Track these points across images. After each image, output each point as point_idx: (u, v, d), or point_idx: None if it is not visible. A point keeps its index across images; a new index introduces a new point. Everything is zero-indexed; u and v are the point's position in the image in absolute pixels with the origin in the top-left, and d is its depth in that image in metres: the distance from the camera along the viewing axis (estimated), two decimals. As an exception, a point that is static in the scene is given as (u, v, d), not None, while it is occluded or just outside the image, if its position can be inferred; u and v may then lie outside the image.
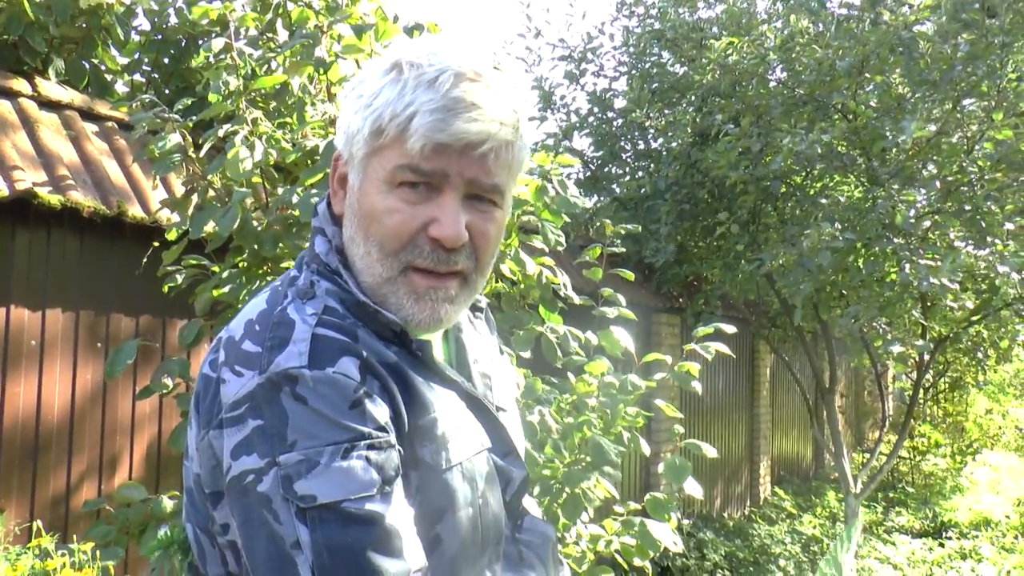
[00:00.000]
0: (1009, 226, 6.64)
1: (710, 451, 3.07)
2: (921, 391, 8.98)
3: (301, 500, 0.92)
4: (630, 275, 3.28)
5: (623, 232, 3.44)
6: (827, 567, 1.03)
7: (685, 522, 8.19)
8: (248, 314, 1.07)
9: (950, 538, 9.26)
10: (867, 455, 9.53)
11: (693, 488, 2.98)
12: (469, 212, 1.08)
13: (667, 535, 2.96)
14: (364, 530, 0.93)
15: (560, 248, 3.05)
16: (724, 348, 3.06)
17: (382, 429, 0.99)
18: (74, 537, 2.31)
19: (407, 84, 1.05)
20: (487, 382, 1.25)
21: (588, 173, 9.20)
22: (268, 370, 0.98)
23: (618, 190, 8.80)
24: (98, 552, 2.45)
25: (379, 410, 0.99)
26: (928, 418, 12.76)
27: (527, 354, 3.04)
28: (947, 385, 12.23)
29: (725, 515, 9.38)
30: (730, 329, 3.13)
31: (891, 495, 11.31)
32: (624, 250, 3.62)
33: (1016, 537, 9.28)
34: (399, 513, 0.97)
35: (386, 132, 1.06)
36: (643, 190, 8.24)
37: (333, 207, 1.17)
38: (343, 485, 0.93)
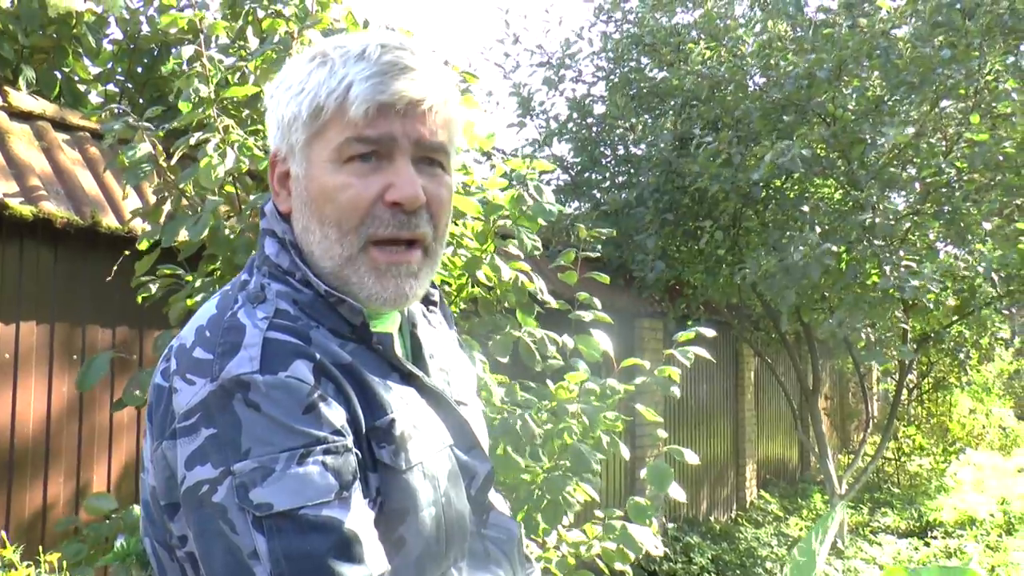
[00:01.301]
0: (987, 225, 6.68)
1: (691, 458, 3.05)
2: (905, 392, 9.01)
3: (257, 509, 0.90)
4: (605, 278, 3.27)
5: (598, 235, 3.44)
6: (800, 555, 1.01)
7: (670, 526, 8.18)
8: (199, 320, 1.05)
9: (935, 537, 9.28)
10: (852, 456, 9.55)
11: (676, 491, 2.97)
12: (421, 176, 1.08)
13: (648, 538, 2.95)
14: (323, 537, 0.91)
15: (536, 253, 3.04)
16: (704, 353, 3.05)
17: (338, 433, 0.97)
18: (40, 548, 2.27)
19: (336, 63, 1.06)
20: (445, 376, 1.24)
21: (568, 179, 9.20)
22: (220, 377, 0.95)
23: (599, 196, 8.81)
24: (65, 562, 2.42)
25: (334, 413, 0.97)
26: (912, 419, 12.79)
27: (505, 359, 3.02)
28: (930, 385, 12.28)
29: (711, 519, 9.38)
30: (710, 333, 3.12)
31: (876, 496, 11.33)
32: (600, 255, 3.62)
33: (1000, 535, 9.31)
34: (358, 518, 0.95)
35: (325, 108, 1.05)
36: (624, 195, 8.25)
37: (278, 207, 1.15)
38: (299, 492, 0.91)
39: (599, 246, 3.46)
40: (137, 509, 2.74)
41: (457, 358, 1.32)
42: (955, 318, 8.06)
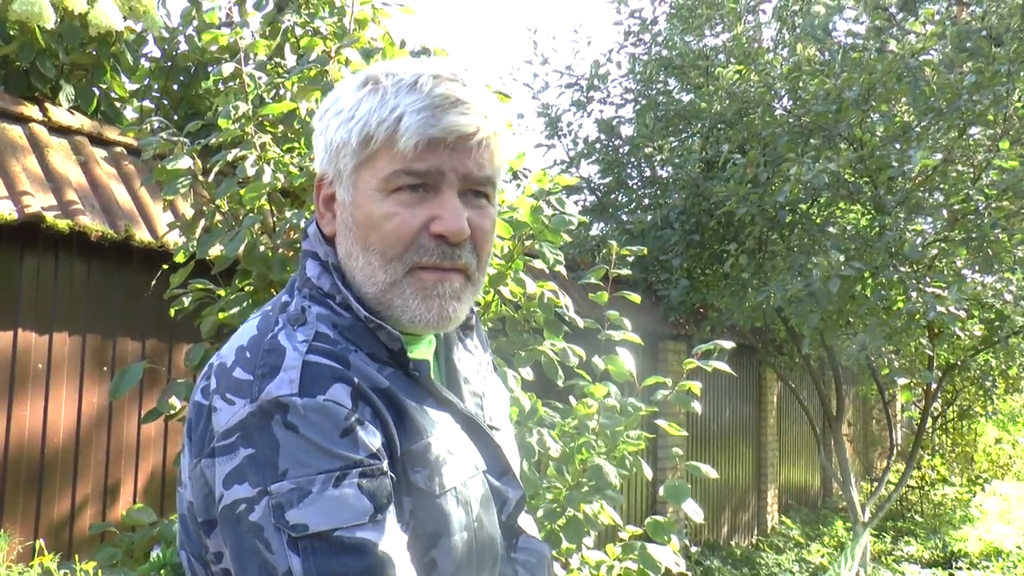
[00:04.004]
0: (1018, 254, 6.63)
1: (710, 472, 3.05)
2: (929, 420, 8.92)
3: (293, 529, 0.92)
4: (636, 297, 3.28)
5: (628, 253, 3.45)
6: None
7: (693, 549, 8.13)
8: (239, 340, 1.06)
9: (960, 568, 9.16)
10: (876, 484, 9.46)
11: (693, 510, 2.96)
12: (466, 208, 1.08)
13: (669, 557, 2.94)
14: (356, 559, 0.92)
15: (560, 266, 3.06)
16: (724, 367, 3.05)
17: (374, 456, 0.98)
18: (76, 557, 2.29)
19: (387, 91, 1.06)
20: (478, 401, 1.24)
21: (595, 200, 9.22)
22: (259, 398, 0.97)
23: (626, 218, 8.82)
24: (100, 572, 2.45)
25: (371, 437, 0.99)
26: (937, 448, 12.64)
27: (530, 376, 3.03)
28: (956, 414, 12.15)
29: (732, 543, 9.31)
30: (728, 344, 3.12)
31: (900, 524, 11.21)
32: (630, 272, 3.63)
33: (1027, 568, 9.19)
34: (392, 540, 0.96)
35: (375, 138, 1.06)
36: (650, 217, 8.26)
37: (322, 229, 1.16)
38: (335, 514, 0.93)
39: (627, 267, 3.47)
40: (175, 521, 2.77)
41: (491, 382, 1.33)
42: (982, 347, 7.98)
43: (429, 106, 1.04)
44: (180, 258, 2.99)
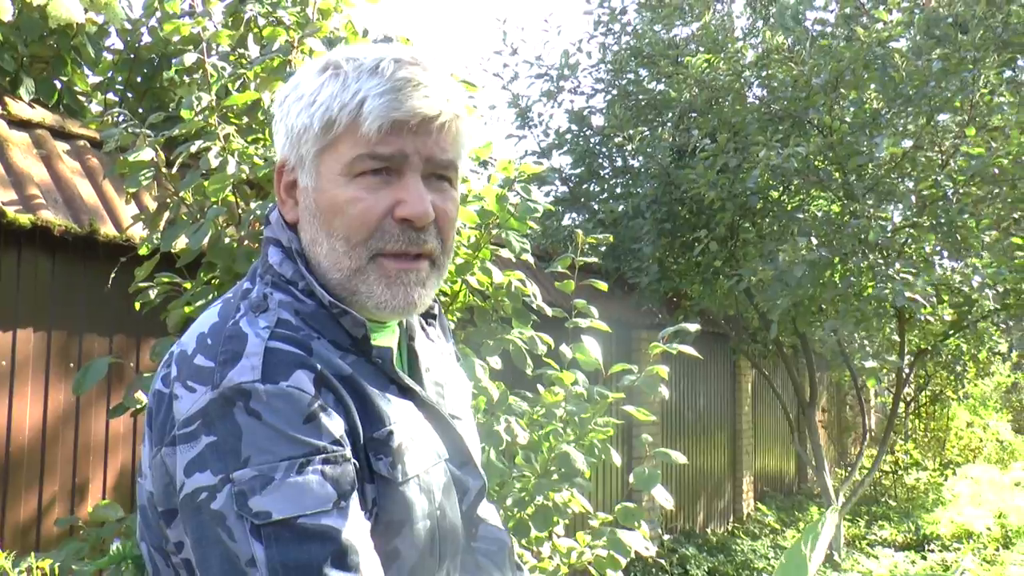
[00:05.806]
0: (985, 238, 6.70)
1: (679, 458, 3.06)
2: (902, 405, 9.01)
3: (256, 517, 0.91)
4: (603, 285, 3.28)
5: (595, 241, 3.45)
6: (789, 560, 1.02)
7: (667, 537, 8.17)
8: (200, 327, 1.06)
9: (932, 551, 9.26)
10: (849, 469, 9.55)
11: (662, 497, 2.97)
12: (430, 192, 1.08)
13: (638, 541, 2.95)
14: (320, 546, 0.92)
15: (527, 254, 3.05)
16: (690, 350, 3.06)
17: (337, 443, 0.97)
18: (32, 555, 2.25)
19: (349, 76, 1.06)
20: (439, 390, 1.24)
21: (567, 191, 9.23)
22: (221, 385, 0.96)
23: (597, 208, 8.85)
24: (57, 568, 2.41)
25: (334, 423, 0.98)
26: (910, 433, 12.78)
27: (499, 365, 3.03)
28: (928, 399, 12.28)
29: (708, 531, 9.36)
30: (693, 327, 3.13)
31: (874, 509, 11.31)
32: (599, 261, 3.63)
33: (998, 549, 9.30)
34: (355, 528, 0.95)
35: (337, 122, 1.05)
36: (622, 207, 8.28)
37: (284, 216, 1.15)
38: (298, 501, 0.92)
39: (596, 256, 3.47)
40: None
41: (453, 372, 1.32)
42: (952, 332, 8.07)
43: (392, 89, 1.04)
44: (144, 251, 2.95)
